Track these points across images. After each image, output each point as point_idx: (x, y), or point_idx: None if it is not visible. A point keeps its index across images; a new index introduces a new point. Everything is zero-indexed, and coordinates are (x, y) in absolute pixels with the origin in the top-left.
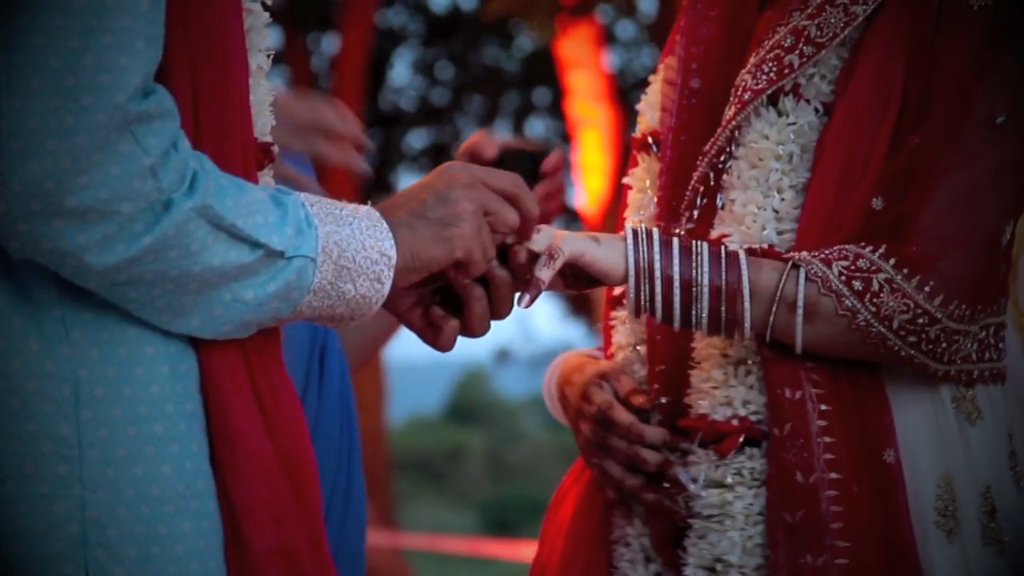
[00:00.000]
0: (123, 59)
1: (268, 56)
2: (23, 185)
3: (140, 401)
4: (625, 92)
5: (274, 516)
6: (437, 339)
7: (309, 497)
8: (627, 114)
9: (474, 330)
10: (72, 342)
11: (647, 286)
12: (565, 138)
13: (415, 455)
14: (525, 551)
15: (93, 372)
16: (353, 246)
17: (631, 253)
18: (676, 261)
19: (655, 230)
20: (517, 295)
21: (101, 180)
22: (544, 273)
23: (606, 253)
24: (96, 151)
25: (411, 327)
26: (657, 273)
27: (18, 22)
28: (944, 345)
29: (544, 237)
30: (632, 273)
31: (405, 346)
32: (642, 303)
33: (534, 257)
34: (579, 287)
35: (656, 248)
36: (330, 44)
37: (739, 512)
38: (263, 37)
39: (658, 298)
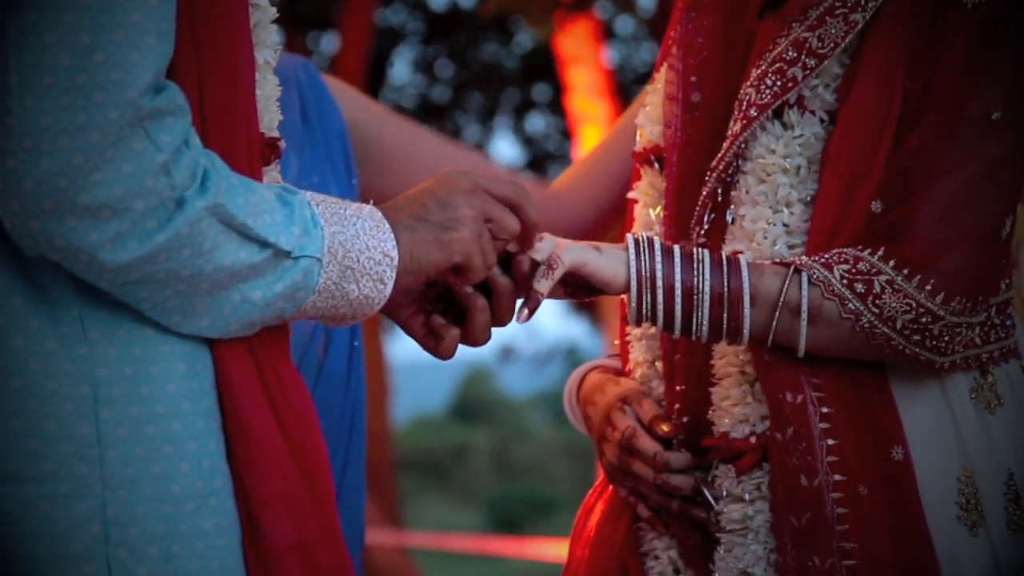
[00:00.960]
0: (134, 55)
1: (275, 51)
2: (36, 183)
3: (157, 400)
4: (625, 87)
5: (290, 510)
6: (438, 347)
7: (322, 490)
8: (627, 109)
9: (475, 339)
10: (90, 342)
11: (648, 294)
12: (565, 134)
13: (420, 454)
14: (531, 548)
15: (111, 371)
16: (357, 247)
17: (633, 262)
18: (678, 269)
19: (656, 238)
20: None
21: (114, 177)
22: (542, 285)
23: (608, 262)
24: (109, 148)
25: (411, 335)
26: (659, 282)
27: (29, 20)
28: (947, 339)
29: (546, 246)
30: (634, 281)
31: (409, 346)
32: (643, 311)
33: (535, 265)
34: (580, 295)
35: (658, 256)
36: (330, 43)
37: (760, 526)
38: (270, 32)
39: (659, 306)
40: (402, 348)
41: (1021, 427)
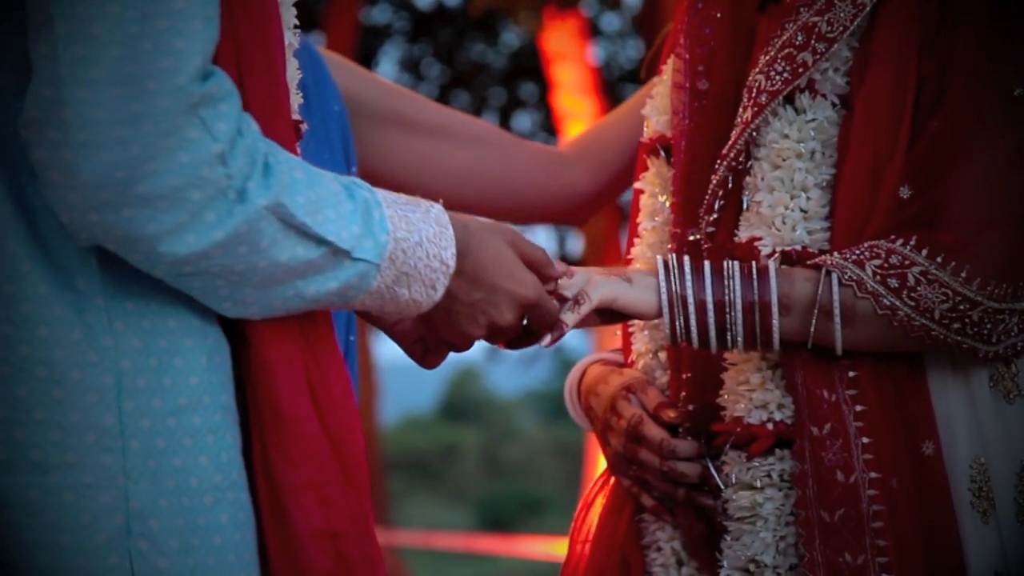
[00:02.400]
0: (181, 41)
1: (296, 34)
2: (93, 175)
3: (179, 392)
4: (611, 85)
5: (320, 497)
6: (425, 358)
7: (357, 479)
8: (612, 107)
9: (459, 351)
10: (115, 333)
11: (681, 318)
12: (551, 132)
13: (409, 454)
14: (520, 547)
15: (135, 362)
16: (418, 254)
17: (663, 288)
18: (708, 289)
19: (686, 258)
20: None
21: (170, 167)
22: (568, 318)
23: (638, 294)
24: (164, 137)
25: (397, 342)
26: (691, 306)
27: (76, 12)
28: (989, 326)
29: (577, 281)
30: (666, 308)
31: (397, 346)
32: (678, 333)
33: (563, 298)
34: (614, 321)
35: (688, 278)
36: (315, 42)
37: (770, 513)
38: (292, 14)
39: (693, 328)
40: (390, 348)
41: None
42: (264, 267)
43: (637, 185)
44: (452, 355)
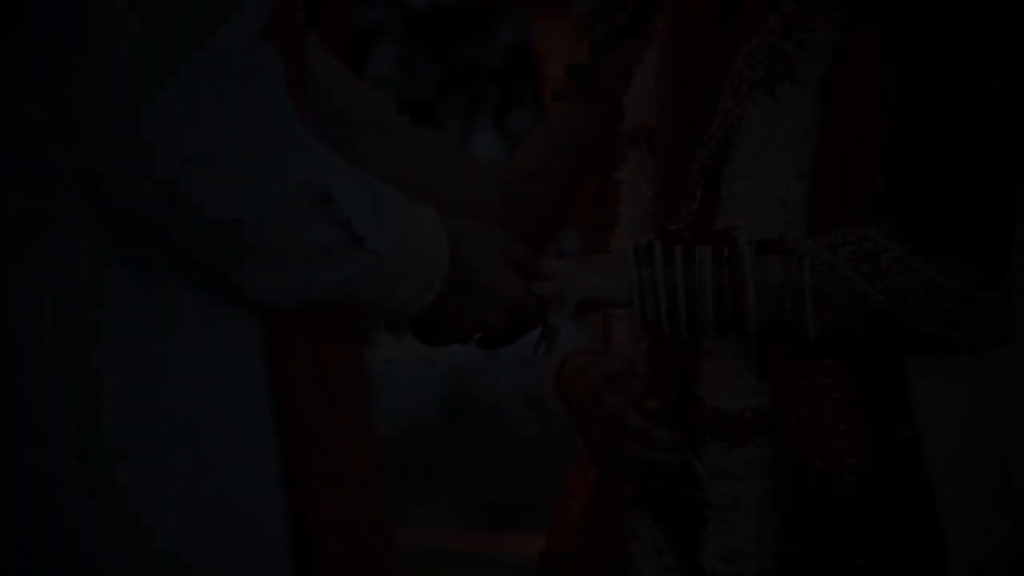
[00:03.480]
0: (237, 8)
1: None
2: (140, 134)
3: (236, 388)
4: None
5: (332, 488)
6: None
7: (371, 471)
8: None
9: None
10: (182, 327)
11: (652, 303)
12: None
13: (408, 455)
14: (518, 545)
15: (201, 358)
16: (417, 253)
17: (634, 274)
18: (679, 274)
19: (657, 244)
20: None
21: (219, 130)
22: (557, 321)
23: (612, 283)
24: (215, 100)
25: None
26: (661, 290)
27: None
28: (962, 314)
29: (551, 281)
30: (637, 294)
31: (394, 346)
32: (649, 318)
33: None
34: (591, 310)
35: (658, 263)
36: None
37: (752, 502)
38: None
39: (663, 313)
40: (386, 349)
41: (1014, 409)
42: (290, 245)
43: (618, 176)
44: (449, 356)
